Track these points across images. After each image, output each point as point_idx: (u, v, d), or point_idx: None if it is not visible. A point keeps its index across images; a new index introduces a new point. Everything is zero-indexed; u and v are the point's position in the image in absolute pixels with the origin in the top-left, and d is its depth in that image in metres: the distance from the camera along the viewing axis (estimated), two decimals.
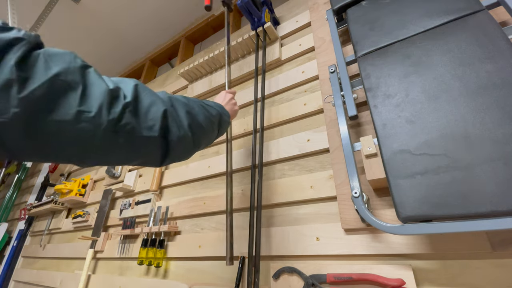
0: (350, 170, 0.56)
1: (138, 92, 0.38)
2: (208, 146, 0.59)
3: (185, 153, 0.47)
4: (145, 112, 0.37)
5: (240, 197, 0.85)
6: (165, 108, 0.40)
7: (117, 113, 0.33)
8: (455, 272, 0.49)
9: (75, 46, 1.82)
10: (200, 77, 1.30)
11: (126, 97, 0.35)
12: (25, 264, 1.70)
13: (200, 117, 0.49)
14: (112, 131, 0.33)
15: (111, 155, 0.36)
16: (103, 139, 0.33)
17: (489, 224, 0.38)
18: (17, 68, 0.27)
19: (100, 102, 0.32)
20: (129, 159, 0.39)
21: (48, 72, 0.29)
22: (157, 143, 0.39)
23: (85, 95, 0.31)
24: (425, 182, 0.45)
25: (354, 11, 0.75)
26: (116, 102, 0.34)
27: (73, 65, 0.32)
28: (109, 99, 0.33)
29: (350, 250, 0.60)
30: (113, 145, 0.35)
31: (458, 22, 0.55)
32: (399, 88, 0.55)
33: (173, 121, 0.41)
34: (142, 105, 0.37)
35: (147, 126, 0.37)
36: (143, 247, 0.95)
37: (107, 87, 0.34)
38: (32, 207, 1.70)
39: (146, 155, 0.40)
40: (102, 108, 0.32)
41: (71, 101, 0.30)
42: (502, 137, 0.42)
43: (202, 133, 0.49)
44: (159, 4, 1.62)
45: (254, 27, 1.04)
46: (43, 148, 0.30)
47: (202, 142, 0.51)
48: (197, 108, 0.50)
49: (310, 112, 0.84)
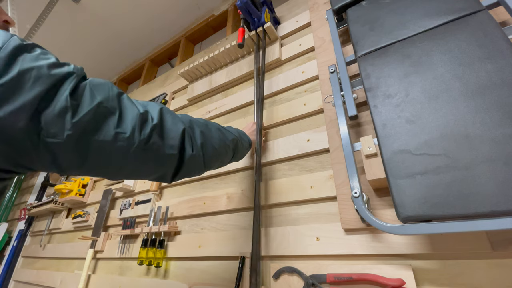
0: (350, 170, 0.56)
1: (162, 115, 0.43)
2: (222, 167, 0.63)
3: (194, 171, 0.50)
4: (168, 132, 0.42)
5: (240, 197, 0.85)
6: (184, 127, 0.45)
7: (147, 134, 0.38)
8: (455, 272, 0.49)
9: (75, 46, 1.82)
10: (200, 77, 1.30)
11: (153, 120, 0.40)
12: (25, 264, 1.70)
13: (215, 140, 0.53)
14: (142, 149, 0.38)
15: (137, 169, 0.41)
16: (134, 155, 0.38)
17: (489, 224, 0.38)
18: (70, 97, 0.32)
19: (133, 125, 0.37)
20: (151, 174, 0.44)
21: (94, 101, 0.34)
22: (174, 161, 0.44)
23: (121, 118, 0.37)
24: (425, 182, 0.45)
25: (354, 11, 0.75)
26: (146, 124, 0.39)
27: (111, 93, 0.37)
28: (140, 122, 0.38)
29: (350, 250, 0.59)
30: (141, 161, 0.39)
31: (458, 22, 0.55)
32: (399, 88, 0.55)
33: (189, 140, 0.46)
34: (166, 127, 0.42)
35: (169, 145, 0.42)
36: (143, 247, 0.95)
37: (138, 111, 0.39)
38: (32, 207, 1.70)
39: (164, 171, 0.45)
40: (135, 129, 0.37)
41: (111, 124, 0.35)
42: (502, 137, 0.42)
43: (214, 154, 0.52)
44: (159, 4, 1.62)
45: (254, 27, 1.04)
46: (87, 163, 0.35)
47: (213, 163, 0.54)
48: (213, 131, 0.54)
49: (310, 112, 0.84)
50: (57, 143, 0.31)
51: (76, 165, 0.35)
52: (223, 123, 1.09)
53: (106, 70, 2.15)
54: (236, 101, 1.07)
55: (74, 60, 1.99)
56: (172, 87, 1.47)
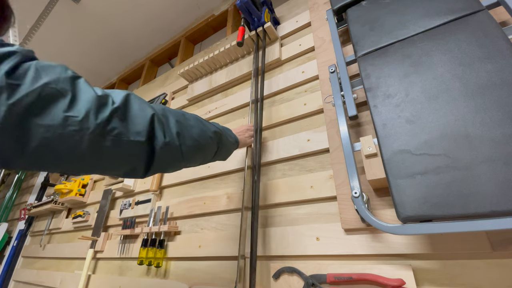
0: (350, 170, 0.56)
1: (128, 99, 0.39)
2: (206, 163, 0.59)
3: (172, 163, 0.46)
4: (133, 117, 0.39)
5: (240, 197, 0.85)
6: (153, 112, 0.41)
7: (105, 117, 0.35)
8: (455, 272, 0.49)
9: (75, 46, 1.82)
10: (200, 77, 1.30)
11: (114, 103, 0.37)
12: (25, 264, 1.70)
13: (194, 130, 0.49)
14: (99, 135, 0.34)
15: (98, 161, 0.37)
16: (90, 143, 0.34)
17: (489, 224, 0.38)
18: (6, 77, 0.29)
19: (88, 107, 0.33)
20: (116, 165, 0.39)
21: (39, 81, 0.31)
22: (142, 149, 0.40)
23: (73, 101, 0.33)
24: (425, 182, 0.45)
25: (354, 11, 0.75)
26: (104, 107, 0.35)
27: (64, 75, 0.34)
28: (97, 105, 0.34)
29: (350, 250, 0.59)
30: (100, 149, 0.35)
31: (458, 22, 0.55)
32: (399, 88, 0.55)
33: (160, 127, 0.42)
34: (131, 111, 0.39)
35: (134, 131, 0.38)
36: (143, 247, 0.95)
37: (96, 94, 0.35)
38: (32, 207, 1.70)
39: (133, 163, 0.40)
40: (90, 113, 0.33)
41: (60, 107, 0.32)
42: (502, 137, 0.42)
43: (194, 145, 0.49)
44: (159, 4, 1.62)
45: (254, 27, 1.04)
46: (30, 151, 0.31)
47: (193, 156, 0.50)
48: (192, 121, 0.51)
49: (310, 112, 0.84)
50: None
51: (18, 154, 0.30)
52: (223, 123, 1.09)
53: (106, 70, 2.15)
54: (236, 101, 1.07)
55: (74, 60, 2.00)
56: (172, 87, 1.47)
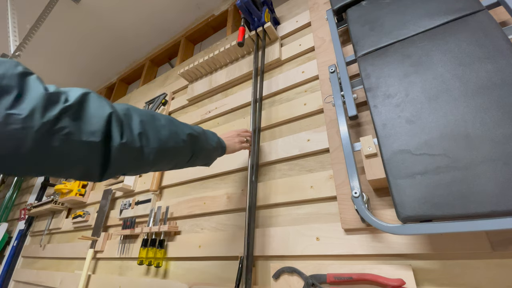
0: (350, 170, 0.56)
1: (85, 97, 0.37)
2: (180, 168, 0.56)
3: (132, 165, 0.44)
4: (89, 116, 0.36)
5: (240, 197, 0.85)
6: (111, 111, 0.39)
7: (53, 116, 0.33)
8: (455, 272, 0.49)
9: (75, 46, 1.82)
10: (200, 77, 1.30)
11: (67, 101, 0.35)
12: (25, 264, 1.70)
13: (163, 131, 0.47)
14: (46, 133, 0.32)
15: (47, 161, 0.34)
16: (34, 142, 0.31)
17: (489, 224, 0.38)
18: None
19: (34, 105, 0.31)
20: (66, 167, 0.37)
21: None
22: (97, 150, 0.37)
23: (19, 99, 0.31)
24: (425, 182, 0.45)
25: (354, 11, 0.75)
26: (53, 105, 0.33)
27: (11, 71, 0.32)
28: (44, 103, 0.32)
29: (350, 250, 0.60)
30: (48, 149, 0.33)
31: (458, 22, 0.55)
32: (399, 88, 0.55)
33: (118, 126, 0.39)
34: (87, 110, 0.37)
35: (88, 131, 0.36)
36: (143, 247, 0.95)
37: (45, 91, 0.33)
38: (32, 207, 1.70)
39: (84, 164, 0.38)
40: (35, 111, 0.31)
41: (2, 105, 0.30)
42: (502, 137, 0.42)
43: (161, 149, 0.46)
44: (159, 4, 1.62)
45: (254, 27, 1.04)
46: None
47: (161, 159, 0.47)
48: (163, 121, 0.48)
49: (310, 112, 0.84)
50: None
51: None
52: (223, 123, 1.09)
53: (106, 70, 2.15)
54: (236, 101, 1.07)
55: (74, 60, 2.00)
56: (172, 87, 1.46)
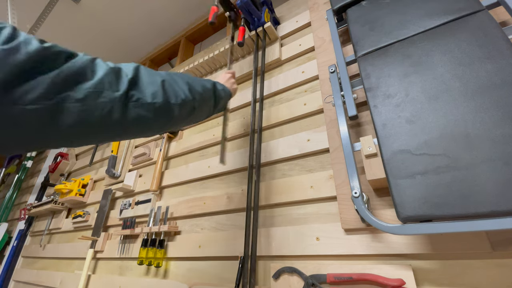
0: (350, 170, 0.56)
1: (139, 70, 0.45)
2: (207, 119, 0.68)
3: (189, 116, 0.54)
4: (146, 84, 0.44)
5: (240, 197, 0.85)
6: (163, 79, 0.47)
7: (125, 87, 0.40)
8: (455, 272, 0.49)
9: (75, 46, 1.81)
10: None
11: (127, 75, 0.42)
12: (25, 264, 1.70)
13: (197, 86, 0.57)
14: (124, 102, 0.39)
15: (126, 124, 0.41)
16: (119, 110, 0.39)
17: (489, 224, 0.38)
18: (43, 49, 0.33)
19: (109, 81, 0.38)
20: (150, 127, 0.46)
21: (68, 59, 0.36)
22: (164, 108, 0.46)
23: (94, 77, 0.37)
24: (425, 182, 0.45)
25: (354, 11, 0.75)
26: (121, 79, 0.40)
27: (84, 58, 0.38)
28: (115, 78, 0.39)
29: (350, 250, 0.59)
30: (128, 114, 0.40)
31: (458, 22, 0.55)
32: (399, 88, 0.55)
33: (172, 88, 0.48)
34: (143, 80, 0.44)
35: (150, 95, 0.43)
36: (143, 247, 0.95)
37: (111, 67, 0.40)
38: (32, 207, 1.70)
39: (156, 121, 0.46)
40: (112, 84, 0.38)
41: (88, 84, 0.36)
42: (502, 137, 0.42)
43: (200, 98, 0.56)
44: (159, 4, 1.62)
45: (254, 27, 1.04)
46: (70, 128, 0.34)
47: (202, 108, 0.59)
48: (193, 79, 0.58)
49: (310, 112, 0.84)
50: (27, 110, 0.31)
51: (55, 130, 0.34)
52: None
53: None
54: (236, 101, 1.07)
55: None
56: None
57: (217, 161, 0.99)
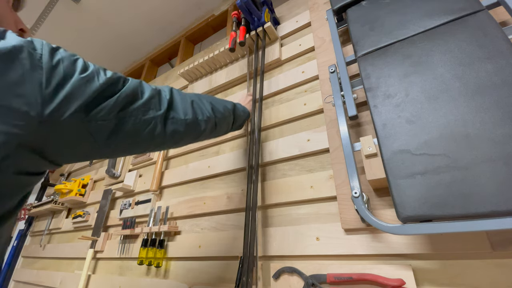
0: (350, 170, 0.56)
1: (173, 92, 0.54)
2: (226, 133, 0.75)
3: (212, 131, 0.64)
4: (180, 104, 0.53)
5: (240, 197, 0.85)
6: (192, 99, 0.58)
7: (166, 106, 0.49)
8: (455, 272, 0.49)
9: (75, 46, 1.81)
10: (200, 77, 1.30)
11: (166, 97, 0.51)
12: (25, 264, 1.70)
13: (219, 106, 0.66)
14: (165, 119, 0.49)
15: (166, 137, 0.50)
16: (161, 125, 0.48)
17: (489, 224, 0.38)
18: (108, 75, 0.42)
19: (155, 101, 0.47)
20: (181, 138, 0.55)
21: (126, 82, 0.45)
22: (193, 123, 0.56)
23: (144, 97, 0.46)
24: (425, 182, 0.45)
25: (354, 11, 0.75)
26: (163, 100, 0.50)
27: (135, 81, 0.46)
28: (160, 99, 0.49)
29: (350, 250, 0.60)
30: (164, 131, 0.49)
31: (458, 22, 0.55)
32: (399, 88, 0.55)
33: (199, 107, 0.58)
34: (177, 101, 0.53)
35: (184, 113, 0.53)
36: (143, 247, 0.95)
37: (156, 89, 0.49)
38: (32, 207, 1.70)
39: (186, 133, 0.55)
40: (156, 103, 0.48)
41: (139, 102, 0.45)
42: (502, 137, 0.42)
43: (222, 117, 0.66)
44: (159, 4, 1.62)
45: (254, 27, 1.04)
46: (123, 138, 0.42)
47: (222, 125, 0.68)
48: (216, 100, 0.67)
49: (310, 112, 0.84)
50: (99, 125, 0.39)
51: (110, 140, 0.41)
52: None
53: None
54: (236, 101, 1.07)
55: None
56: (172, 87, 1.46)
57: (217, 161, 0.99)
